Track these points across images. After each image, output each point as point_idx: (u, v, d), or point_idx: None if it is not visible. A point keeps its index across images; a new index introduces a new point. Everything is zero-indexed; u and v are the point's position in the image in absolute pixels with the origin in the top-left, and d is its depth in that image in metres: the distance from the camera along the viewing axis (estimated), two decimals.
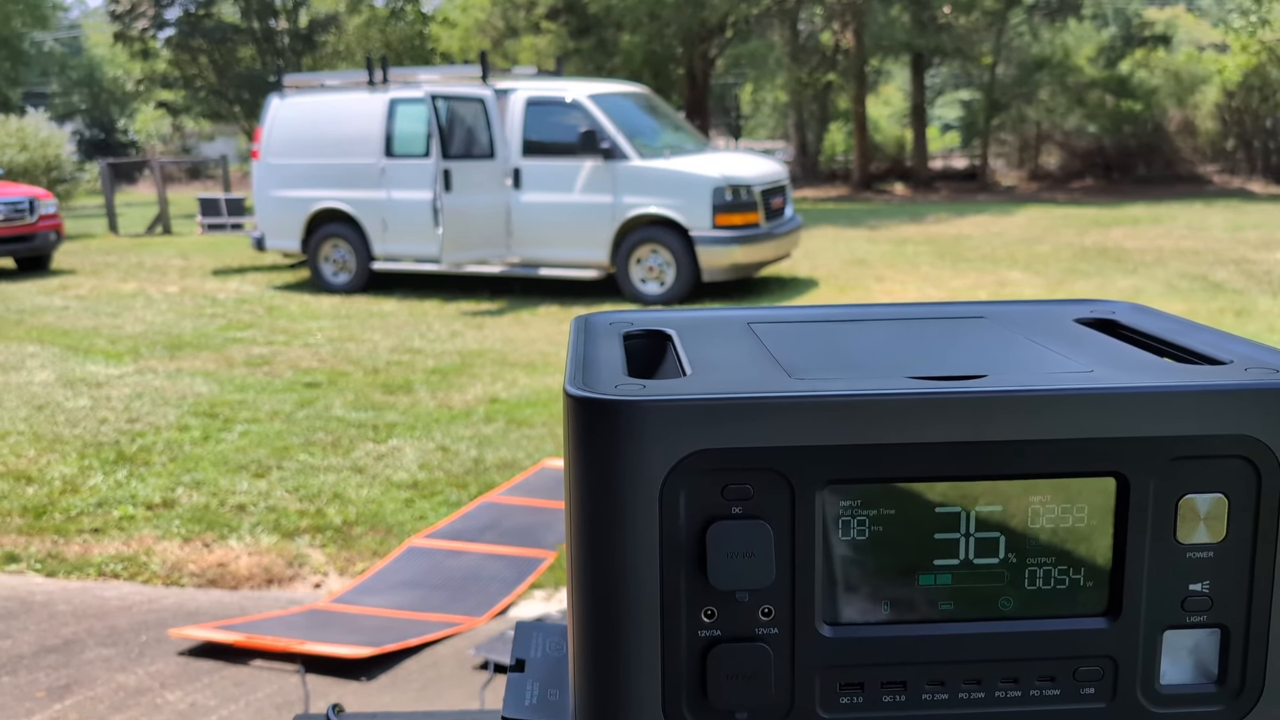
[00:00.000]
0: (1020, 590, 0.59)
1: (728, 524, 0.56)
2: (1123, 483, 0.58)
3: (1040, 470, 0.57)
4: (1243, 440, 0.57)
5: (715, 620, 0.58)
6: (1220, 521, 0.58)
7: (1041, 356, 0.66)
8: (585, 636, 0.60)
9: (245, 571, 3.74)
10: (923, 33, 23.42)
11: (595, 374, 0.62)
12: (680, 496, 0.56)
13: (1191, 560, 0.59)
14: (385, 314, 9.09)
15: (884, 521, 0.58)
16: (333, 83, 11.02)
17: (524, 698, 0.69)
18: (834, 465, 0.57)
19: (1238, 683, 0.60)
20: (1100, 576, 0.59)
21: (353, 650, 2.98)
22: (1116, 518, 0.58)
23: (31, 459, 5.06)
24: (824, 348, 0.69)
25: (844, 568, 0.58)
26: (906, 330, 0.74)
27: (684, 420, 0.56)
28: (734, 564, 0.56)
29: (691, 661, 0.58)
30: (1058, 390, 0.57)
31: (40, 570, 3.83)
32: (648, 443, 0.56)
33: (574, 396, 0.58)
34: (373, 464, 4.90)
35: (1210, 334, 0.70)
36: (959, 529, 0.58)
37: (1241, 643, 0.60)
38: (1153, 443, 0.57)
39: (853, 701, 0.59)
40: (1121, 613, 0.59)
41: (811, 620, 0.58)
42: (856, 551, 0.58)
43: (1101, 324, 0.76)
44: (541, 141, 9.82)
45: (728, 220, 9.23)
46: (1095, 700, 0.60)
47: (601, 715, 0.59)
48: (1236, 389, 0.57)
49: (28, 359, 7.30)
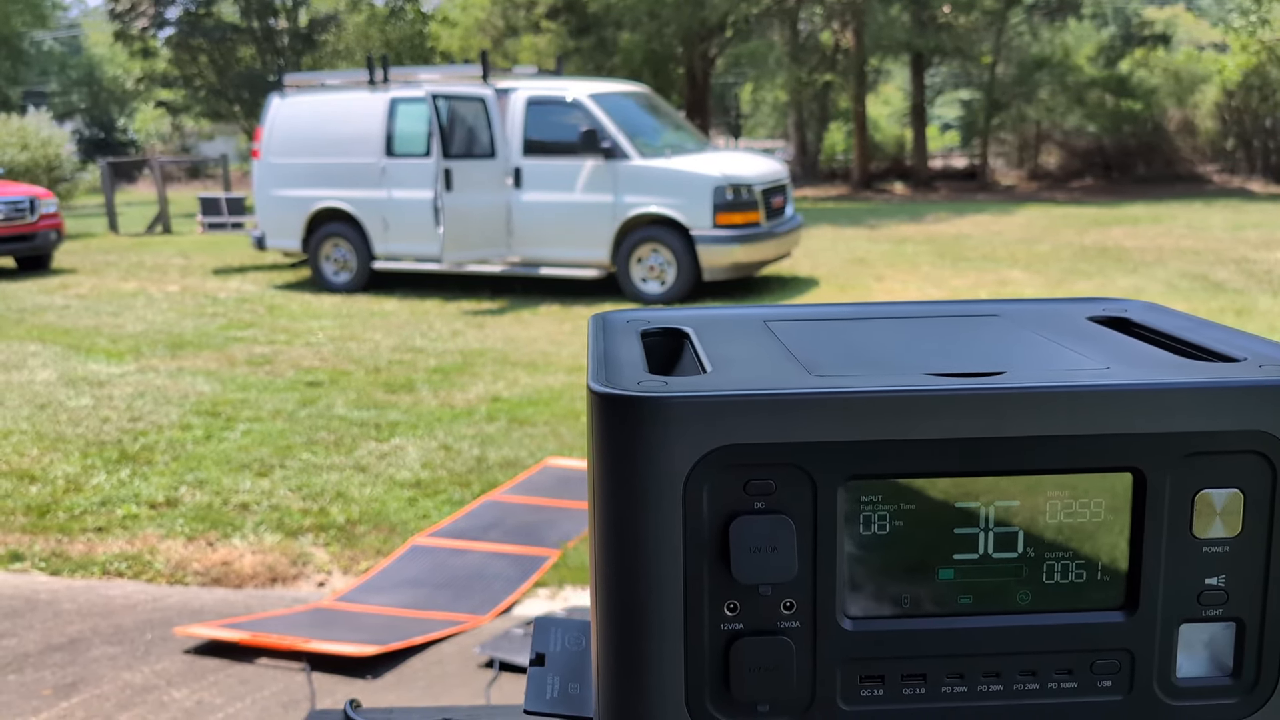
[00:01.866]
0: (1038, 584, 0.60)
1: (750, 519, 0.57)
2: (1139, 478, 0.58)
3: (1058, 466, 0.58)
4: (1257, 436, 0.58)
5: (738, 614, 0.59)
6: (1236, 516, 0.59)
7: (1057, 354, 0.67)
8: (609, 630, 0.60)
9: (249, 570, 3.75)
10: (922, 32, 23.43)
11: (617, 371, 0.63)
12: (703, 491, 0.57)
13: (1207, 555, 0.59)
14: (386, 313, 9.10)
15: (904, 516, 0.59)
16: (333, 82, 11.03)
17: (545, 692, 0.70)
18: (855, 461, 0.57)
19: (1253, 676, 0.61)
20: (1117, 571, 0.60)
21: (358, 649, 2.99)
22: (1133, 513, 0.59)
23: (34, 458, 5.07)
24: (841, 345, 0.69)
25: (864, 562, 0.59)
26: (922, 328, 0.75)
27: (707, 416, 0.57)
28: (756, 558, 0.57)
29: (714, 655, 0.59)
30: (1075, 386, 0.58)
31: (45, 569, 3.83)
32: (672, 438, 0.57)
33: (599, 393, 0.58)
34: (375, 463, 4.91)
35: (1223, 331, 0.70)
36: (978, 524, 0.59)
37: (1257, 636, 0.60)
38: (1168, 439, 0.58)
39: (873, 694, 0.60)
40: (1138, 607, 0.60)
41: (833, 614, 0.59)
42: (877, 546, 0.59)
43: (1115, 322, 0.77)
44: (542, 141, 9.82)
45: (728, 219, 9.24)
46: (1112, 693, 0.60)
47: (625, 708, 0.60)
48: (1251, 385, 0.58)
49: (29, 358, 7.30)
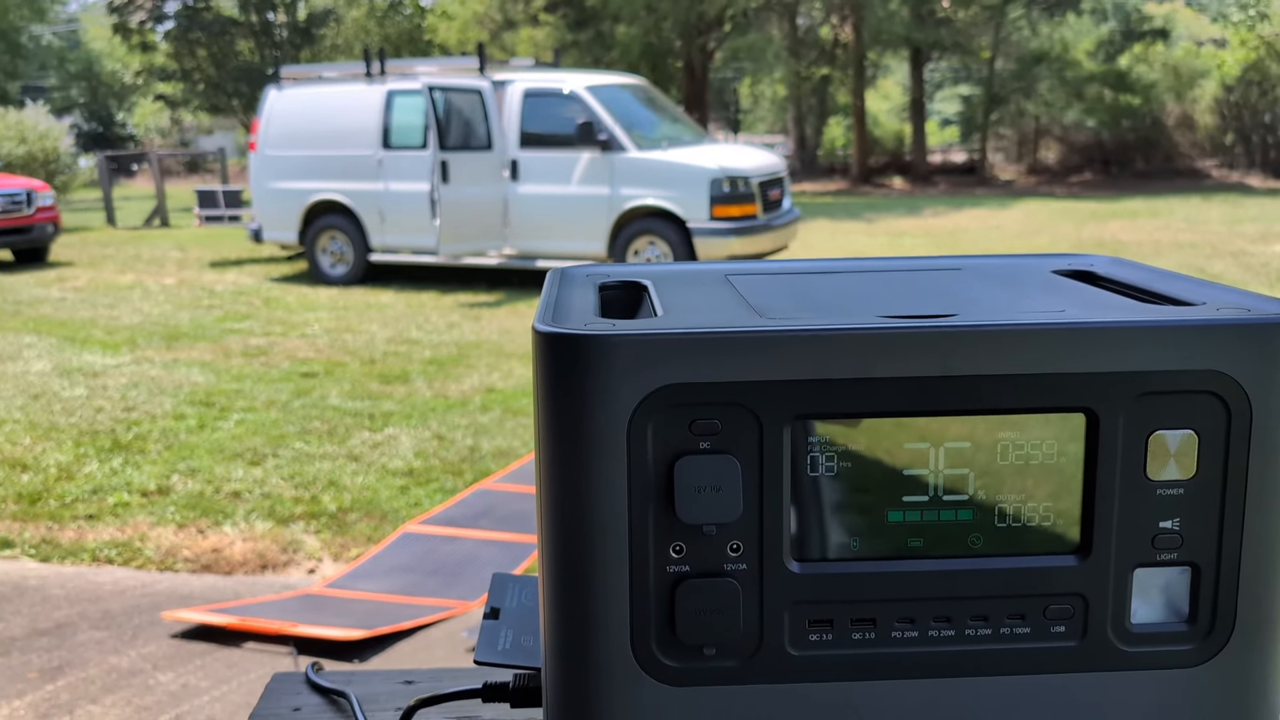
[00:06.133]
0: (989, 527, 0.59)
1: (695, 458, 0.56)
2: (1092, 419, 0.57)
3: (1009, 405, 0.57)
4: (1212, 376, 0.57)
5: (683, 556, 0.58)
6: (1190, 458, 0.58)
7: (1015, 300, 0.66)
8: (554, 573, 0.59)
9: (239, 557, 3.74)
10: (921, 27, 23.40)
11: (565, 315, 0.62)
12: (648, 432, 0.56)
13: (1161, 497, 0.58)
14: (382, 305, 9.08)
15: (852, 457, 0.58)
16: (330, 74, 11.00)
17: (497, 643, 0.69)
18: (801, 400, 0.56)
19: (1208, 621, 0.60)
20: (1070, 514, 0.59)
21: (345, 633, 2.98)
22: (1086, 454, 0.58)
23: (27, 447, 5.06)
24: (798, 294, 0.69)
25: (812, 504, 0.58)
26: (883, 280, 0.74)
27: (651, 355, 0.56)
28: (701, 498, 0.56)
29: (660, 598, 0.58)
30: (1025, 324, 0.57)
31: (34, 556, 3.83)
32: (615, 377, 0.56)
33: (542, 333, 0.57)
34: (368, 452, 4.90)
35: (1189, 281, 0.69)
36: (928, 465, 0.58)
37: (1212, 581, 0.59)
38: (1122, 378, 0.57)
39: (822, 638, 0.59)
40: (1092, 550, 0.59)
41: (780, 556, 0.58)
42: (825, 487, 0.58)
43: (1081, 275, 0.76)
44: (539, 133, 9.80)
45: (725, 212, 9.22)
46: (1065, 639, 0.59)
47: (571, 652, 0.59)
48: (1207, 324, 0.57)
49: (24, 349, 7.29)
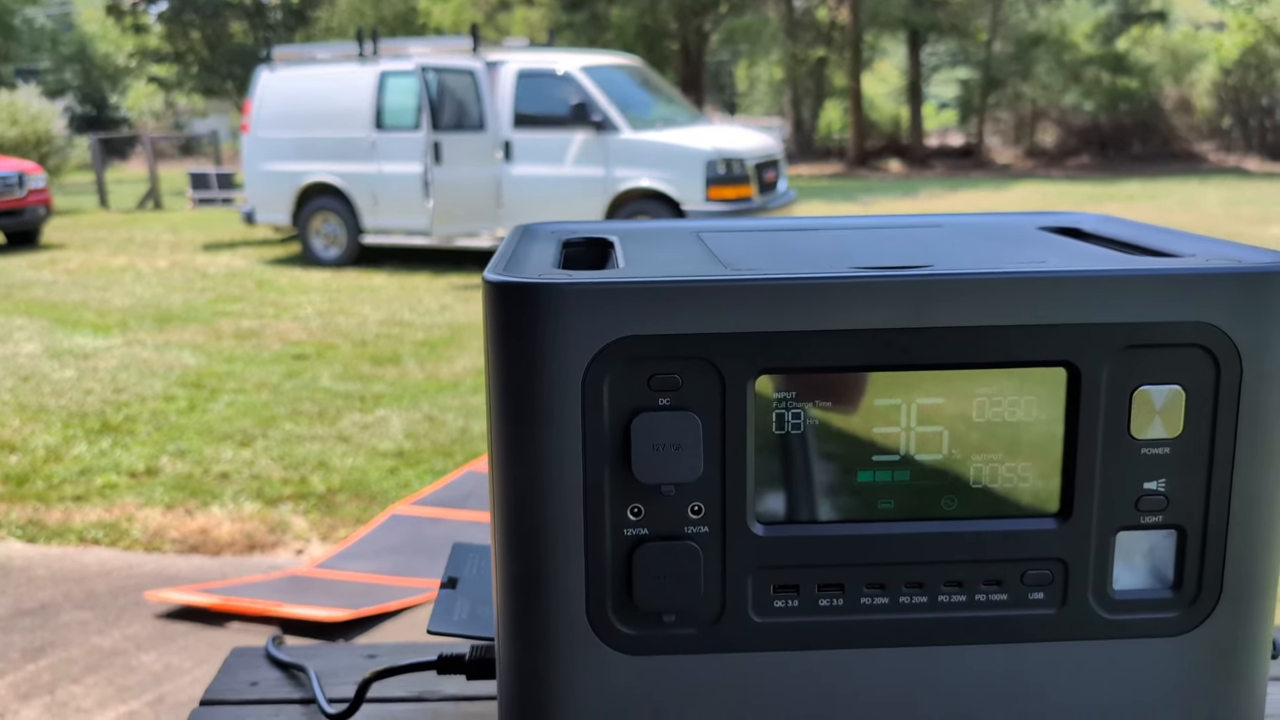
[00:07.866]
0: (964, 488, 0.56)
1: (654, 415, 0.53)
2: (1074, 373, 0.54)
3: (986, 359, 0.54)
4: (1200, 328, 0.54)
5: (642, 518, 0.55)
6: (1177, 415, 0.55)
7: (995, 252, 0.63)
8: (506, 537, 0.57)
9: (227, 538, 3.71)
10: (919, 8, 23.28)
11: (521, 266, 0.58)
12: (604, 387, 0.53)
13: (1146, 457, 0.55)
14: (375, 287, 9.04)
15: (819, 414, 0.55)
16: (322, 55, 10.90)
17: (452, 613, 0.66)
18: (766, 354, 0.53)
19: (1194, 587, 0.57)
20: (1050, 474, 0.56)
21: (330, 613, 2.96)
22: (1067, 411, 0.55)
23: (15, 428, 5.02)
24: (770, 249, 0.65)
25: (778, 463, 0.55)
26: (859, 235, 0.71)
27: (607, 305, 0.52)
28: (660, 457, 0.53)
29: (617, 562, 0.55)
30: (1002, 273, 0.53)
31: (20, 537, 3.79)
32: (568, 328, 0.52)
33: (492, 283, 0.54)
34: (358, 433, 4.87)
35: (1180, 235, 0.66)
36: (899, 423, 0.55)
37: (1198, 545, 0.56)
38: (1105, 329, 0.53)
39: (787, 605, 0.56)
40: (1072, 513, 0.56)
41: (743, 518, 0.55)
42: (791, 446, 0.55)
43: (1067, 232, 0.73)
44: (533, 114, 9.73)
45: (720, 193, 9.17)
46: (1044, 605, 0.57)
47: (523, 619, 0.56)
48: (1195, 273, 0.54)
49: (15, 331, 7.24)
